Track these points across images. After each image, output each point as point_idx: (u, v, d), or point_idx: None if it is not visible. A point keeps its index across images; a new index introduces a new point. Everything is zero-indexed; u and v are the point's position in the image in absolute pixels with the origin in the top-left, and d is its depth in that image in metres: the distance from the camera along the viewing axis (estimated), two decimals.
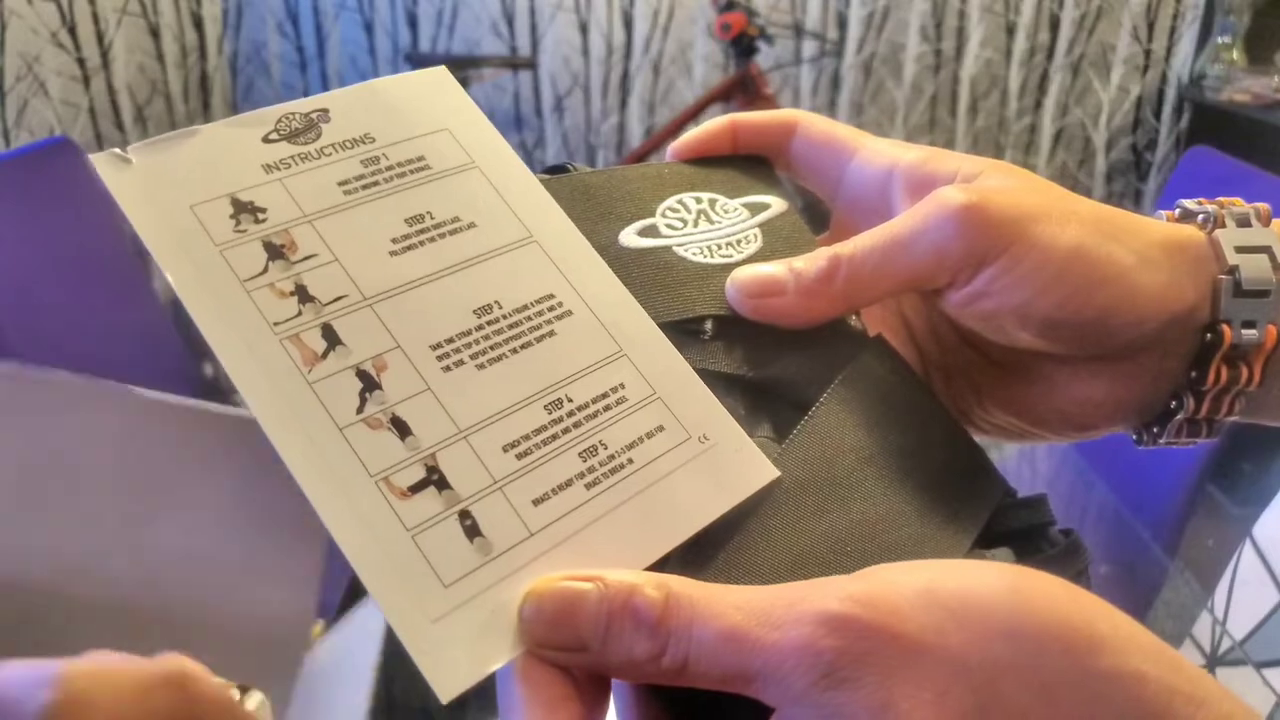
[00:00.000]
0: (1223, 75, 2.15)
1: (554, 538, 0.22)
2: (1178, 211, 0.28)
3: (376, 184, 0.26)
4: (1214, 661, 0.68)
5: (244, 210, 0.24)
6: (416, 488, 0.22)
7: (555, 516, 0.23)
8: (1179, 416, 0.28)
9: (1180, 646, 0.72)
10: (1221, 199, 0.28)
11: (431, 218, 0.26)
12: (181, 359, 1.48)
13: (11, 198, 1.22)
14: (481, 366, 0.24)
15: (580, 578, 0.21)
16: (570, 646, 0.21)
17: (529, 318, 0.25)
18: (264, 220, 0.24)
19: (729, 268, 0.28)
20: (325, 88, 2.30)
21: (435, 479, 0.22)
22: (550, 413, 0.24)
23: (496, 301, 0.25)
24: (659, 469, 0.24)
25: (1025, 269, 0.26)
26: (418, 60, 2.18)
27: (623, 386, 0.25)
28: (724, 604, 0.20)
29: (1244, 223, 0.27)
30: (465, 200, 0.26)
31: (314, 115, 0.26)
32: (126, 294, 1.40)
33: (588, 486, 0.23)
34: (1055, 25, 2.27)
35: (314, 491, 0.21)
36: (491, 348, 0.24)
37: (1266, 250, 0.26)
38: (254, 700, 0.35)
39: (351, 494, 0.21)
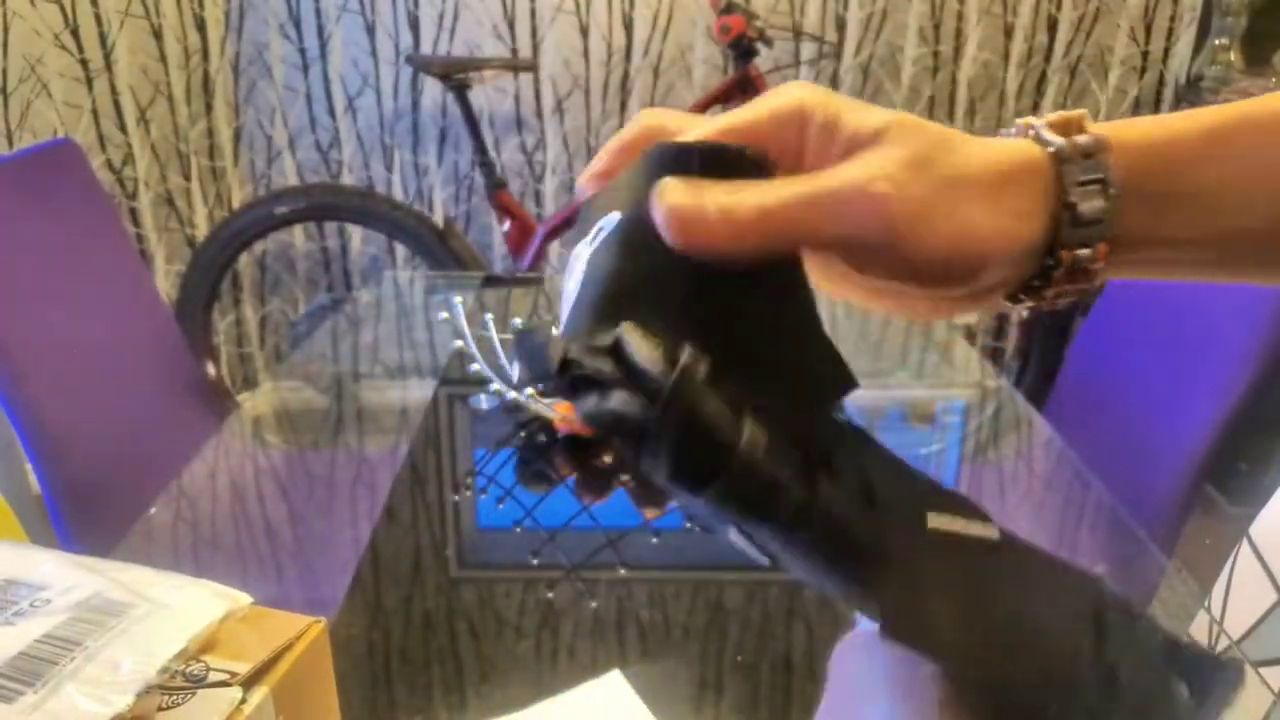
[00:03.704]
0: (1220, 77, 2.16)
1: None
2: (1031, 135, 0.30)
3: None
4: None
5: None
6: None
7: None
8: (1023, 304, 0.32)
9: None
10: (1072, 116, 0.30)
11: None
12: (183, 359, 1.49)
13: (14, 198, 1.23)
14: None
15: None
16: None
17: None
18: None
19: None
20: (327, 90, 2.31)
21: None
22: None
23: None
24: None
25: (904, 264, 0.28)
26: (418, 63, 2.18)
27: None
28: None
29: (1087, 153, 0.29)
30: None
31: None
32: (128, 294, 1.40)
33: None
34: (1053, 27, 2.27)
35: None
36: None
37: (1100, 182, 0.29)
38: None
39: None
